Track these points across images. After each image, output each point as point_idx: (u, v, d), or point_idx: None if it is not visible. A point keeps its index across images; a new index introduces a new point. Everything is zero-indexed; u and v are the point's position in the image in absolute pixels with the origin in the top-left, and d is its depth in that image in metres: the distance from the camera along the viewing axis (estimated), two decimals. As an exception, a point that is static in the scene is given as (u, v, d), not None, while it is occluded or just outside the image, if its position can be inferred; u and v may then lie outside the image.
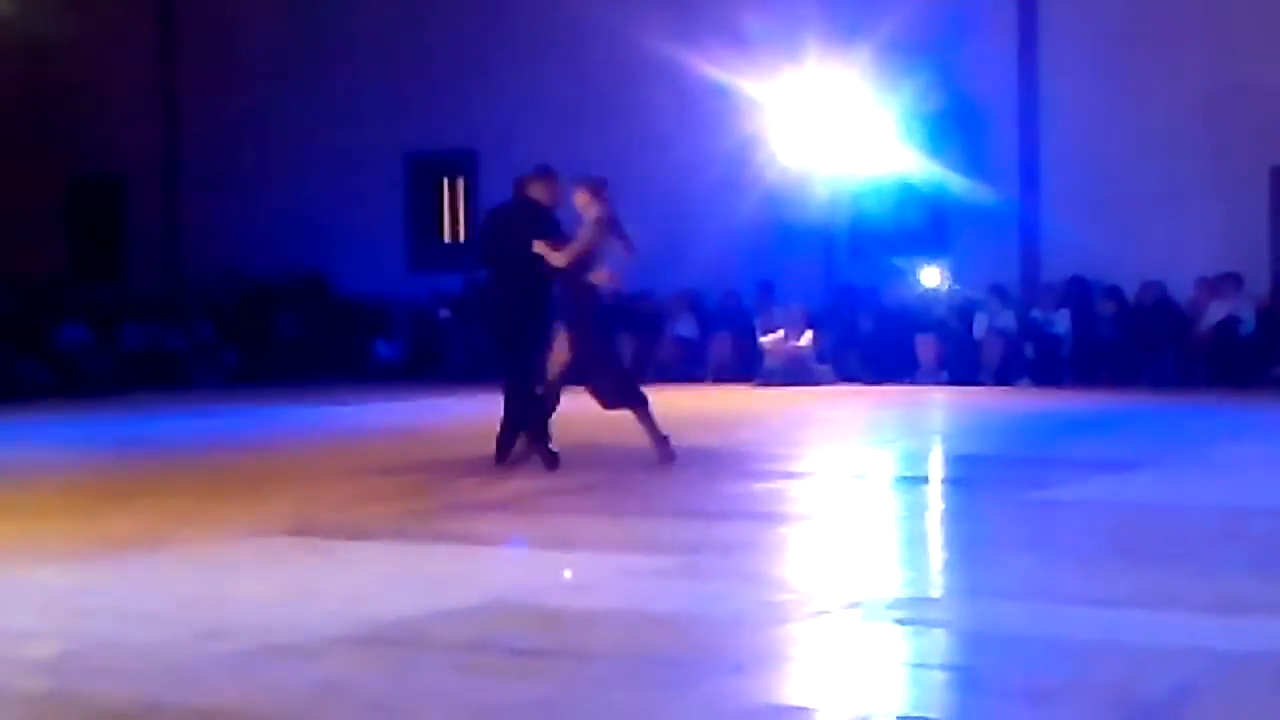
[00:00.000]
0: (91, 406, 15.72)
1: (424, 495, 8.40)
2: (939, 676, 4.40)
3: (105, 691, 4.33)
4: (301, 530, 7.18)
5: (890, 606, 5.19)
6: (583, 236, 9.18)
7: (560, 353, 9.34)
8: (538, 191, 9.39)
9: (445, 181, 21.10)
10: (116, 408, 15.63)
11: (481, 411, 14.69)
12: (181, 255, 22.35)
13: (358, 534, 7.04)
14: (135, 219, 22.82)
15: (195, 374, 18.54)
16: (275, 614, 5.28)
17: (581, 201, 9.32)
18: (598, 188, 9.35)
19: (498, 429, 9.38)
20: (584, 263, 9.19)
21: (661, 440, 9.44)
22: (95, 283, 21.90)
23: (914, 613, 5.08)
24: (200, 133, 22.14)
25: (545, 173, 9.47)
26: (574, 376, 9.35)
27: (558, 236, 9.22)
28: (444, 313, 19.40)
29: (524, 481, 8.89)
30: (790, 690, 4.30)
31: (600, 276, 9.29)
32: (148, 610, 5.44)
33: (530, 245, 9.15)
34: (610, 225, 9.29)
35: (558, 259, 9.10)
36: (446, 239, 21.19)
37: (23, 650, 4.81)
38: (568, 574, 6.16)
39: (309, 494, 8.62)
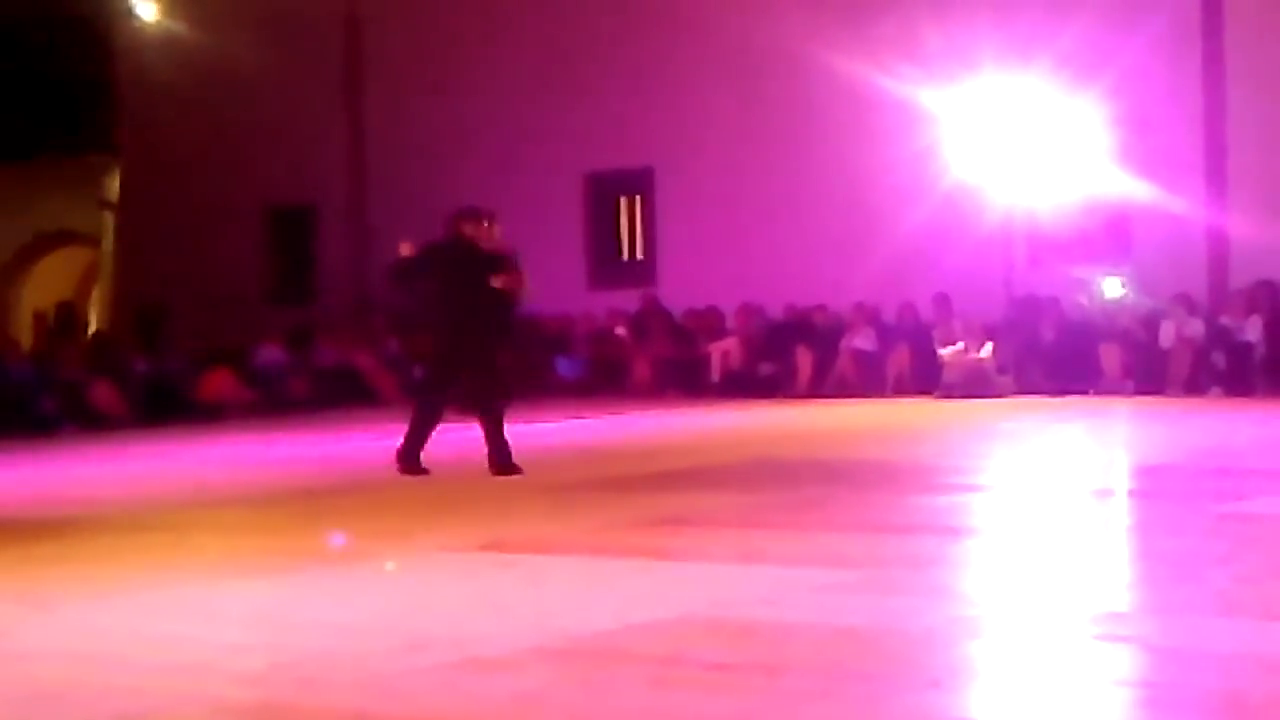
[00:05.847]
0: (288, 423, 16.19)
1: (612, 510, 8.49)
2: (1136, 693, 4.35)
3: (314, 703, 4.48)
4: (492, 545, 7.32)
5: (1083, 621, 5.14)
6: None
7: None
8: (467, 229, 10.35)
9: (623, 199, 21.31)
10: (311, 424, 16.07)
11: (665, 427, 14.85)
12: (370, 276, 22.88)
13: (548, 549, 7.16)
14: (326, 243, 23.45)
15: (384, 390, 18.96)
16: (472, 627, 5.41)
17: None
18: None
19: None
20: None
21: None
22: (291, 305, 22.59)
23: (1108, 628, 5.02)
24: (385, 158, 22.66)
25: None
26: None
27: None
28: (620, 330, 19.58)
29: (711, 497, 8.98)
30: (986, 706, 4.29)
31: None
32: (350, 623, 5.62)
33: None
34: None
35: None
36: (625, 257, 21.39)
37: (233, 663, 4.97)
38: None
39: (498, 510, 8.79)
